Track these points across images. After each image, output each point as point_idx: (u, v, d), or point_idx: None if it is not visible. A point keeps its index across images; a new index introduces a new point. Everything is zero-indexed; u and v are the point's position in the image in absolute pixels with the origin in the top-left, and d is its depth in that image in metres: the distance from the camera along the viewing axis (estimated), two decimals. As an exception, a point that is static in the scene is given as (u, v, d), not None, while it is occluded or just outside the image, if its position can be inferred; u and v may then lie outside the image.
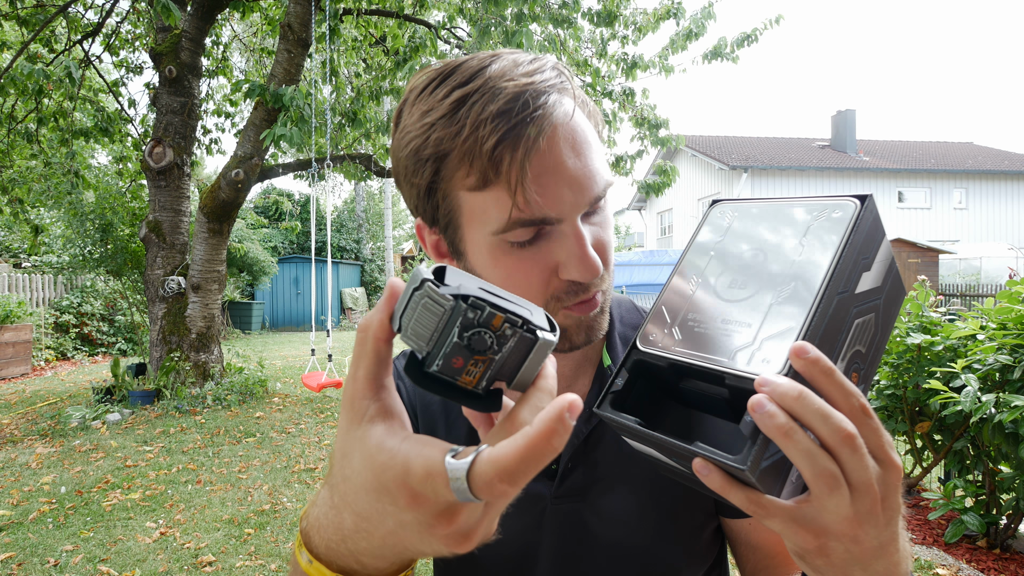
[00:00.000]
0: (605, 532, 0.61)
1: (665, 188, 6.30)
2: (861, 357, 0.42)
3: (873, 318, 0.42)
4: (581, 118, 0.52)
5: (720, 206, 0.49)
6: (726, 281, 0.44)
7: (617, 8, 5.71)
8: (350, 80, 7.88)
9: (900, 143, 23.40)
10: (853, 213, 0.40)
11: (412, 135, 0.51)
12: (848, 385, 0.35)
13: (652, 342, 0.44)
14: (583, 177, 0.50)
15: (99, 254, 6.73)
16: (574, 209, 0.50)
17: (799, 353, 0.34)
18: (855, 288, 0.40)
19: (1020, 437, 2.31)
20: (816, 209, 0.43)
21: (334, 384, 5.00)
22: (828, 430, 0.33)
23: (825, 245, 0.40)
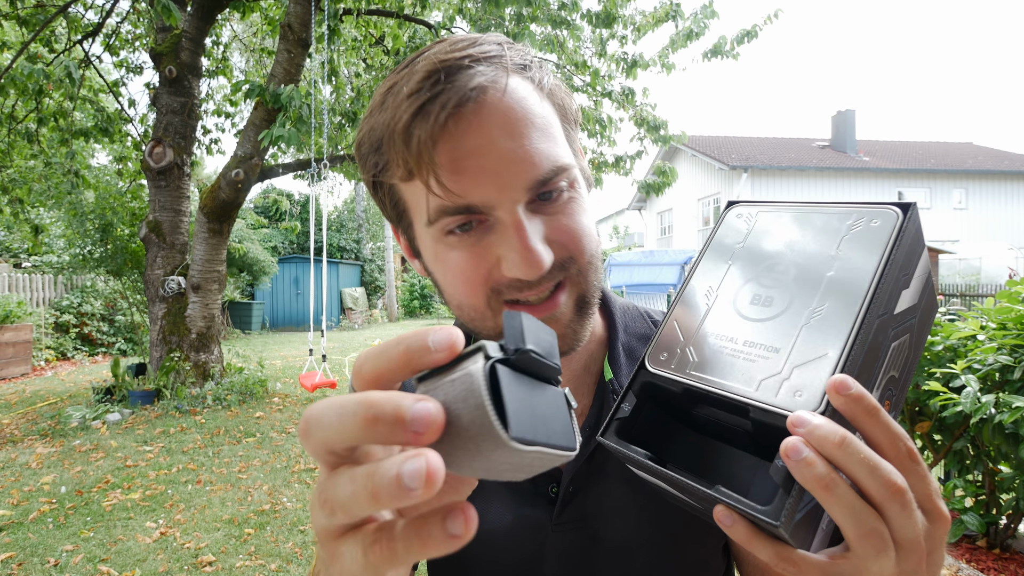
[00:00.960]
0: (609, 560, 0.58)
1: (665, 188, 6.30)
2: (895, 383, 0.37)
3: (908, 339, 0.37)
4: (524, 96, 0.45)
5: (737, 209, 0.44)
6: (747, 296, 0.39)
7: (616, 9, 5.71)
8: (350, 80, 7.87)
9: (900, 143, 23.41)
10: (895, 223, 0.36)
11: (361, 131, 0.49)
12: (894, 427, 0.31)
13: (663, 363, 0.40)
14: (516, 159, 0.43)
15: (99, 254, 6.73)
16: (506, 195, 0.44)
17: (840, 389, 0.30)
18: (895, 308, 0.35)
19: (1020, 437, 2.31)
20: (852, 217, 0.38)
21: (328, 384, 5.00)
22: (875, 484, 0.29)
23: (864, 259, 0.35)
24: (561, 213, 0.47)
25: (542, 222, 0.46)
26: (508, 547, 0.59)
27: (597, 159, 6.88)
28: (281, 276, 15.37)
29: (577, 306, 0.50)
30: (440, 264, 0.49)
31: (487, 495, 0.60)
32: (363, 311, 17.07)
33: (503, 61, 0.45)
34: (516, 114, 0.44)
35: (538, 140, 0.45)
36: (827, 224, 0.38)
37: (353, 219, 20.00)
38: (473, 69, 0.43)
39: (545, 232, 0.46)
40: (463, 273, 0.47)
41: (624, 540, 0.57)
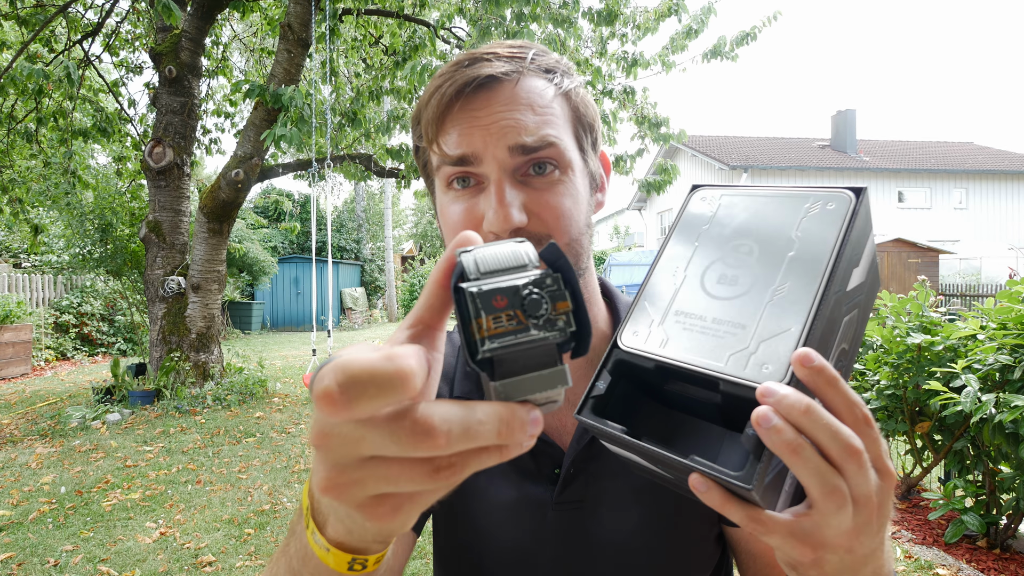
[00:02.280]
0: (607, 540, 0.61)
1: (666, 186, 6.29)
2: (845, 355, 0.40)
3: (857, 314, 0.41)
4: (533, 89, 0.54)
5: (702, 192, 0.46)
6: (714, 275, 0.41)
7: (618, 7, 5.71)
8: (350, 80, 7.87)
9: (900, 143, 23.40)
10: (849, 206, 0.38)
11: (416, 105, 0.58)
12: (852, 395, 0.34)
13: (635, 340, 0.41)
14: (505, 126, 0.52)
15: (99, 254, 6.73)
16: (490, 150, 0.52)
17: (803, 361, 0.33)
18: (847, 286, 0.38)
19: (1020, 437, 2.31)
20: (809, 200, 0.40)
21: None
22: (836, 447, 0.32)
23: (822, 239, 0.38)
24: (546, 190, 0.54)
25: (526, 193, 0.53)
26: (510, 523, 0.62)
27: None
28: (281, 276, 15.37)
29: None
30: (443, 216, 0.57)
31: (492, 473, 0.63)
32: (363, 311, 17.07)
33: (523, 62, 0.54)
34: (519, 98, 0.53)
35: (530, 116, 0.53)
36: (786, 207, 0.41)
37: (353, 219, 20.00)
38: (492, 63, 0.53)
39: (526, 201, 0.53)
40: (457, 225, 0.55)
41: (621, 522, 0.61)
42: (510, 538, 0.62)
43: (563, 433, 0.63)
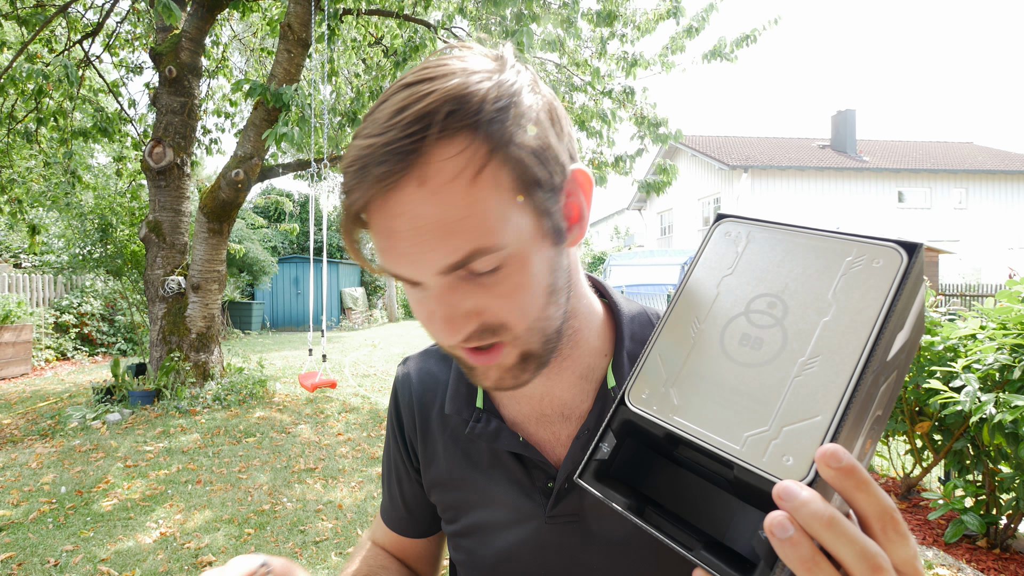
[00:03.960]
0: (599, 556, 0.60)
1: (665, 187, 6.30)
2: (879, 421, 0.36)
3: (896, 375, 0.36)
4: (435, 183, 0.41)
5: (727, 225, 0.41)
6: (736, 334, 0.37)
7: (616, 8, 5.71)
8: (350, 80, 7.88)
9: (900, 143, 23.40)
10: (899, 268, 0.32)
11: None
12: (883, 500, 0.31)
13: (645, 402, 0.38)
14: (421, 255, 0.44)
15: (99, 254, 6.73)
16: (423, 272, 0.45)
17: (830, 462, 0.29)
18: (888, 356, 0.33)
19: (1020, 437, 2.31)
20: (852, 252, 0.34)
21: (328, 384, 4.99)
22: (861, 567, 0.29)
23: (863, 307, 0.33)
24: (494, 287, 0.46)
25: (473, 291, 0.46)
26: (507, 535, 0.62)
27: (597, 159, 6.88)
28: (281, 276, 15.37)
29: (521, 359, 0.51)
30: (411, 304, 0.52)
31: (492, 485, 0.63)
32: (363, 311, 17.07)
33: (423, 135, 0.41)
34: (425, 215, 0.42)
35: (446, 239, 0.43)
36: (824, 259, 0.35)
37: (353, 219, 19.98)
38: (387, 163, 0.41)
39: (472, 304, 0.46)
40: (425, 323, 0.50)
41: (616, 537, 0.59)
42: (504, 550, 0.62)
43: (556, 446, 0.62)
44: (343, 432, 4.88)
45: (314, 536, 2.99)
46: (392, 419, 0.74)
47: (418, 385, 0.71)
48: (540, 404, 0.63)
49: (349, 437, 4.75)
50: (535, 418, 0.64)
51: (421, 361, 0.74)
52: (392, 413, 0.74)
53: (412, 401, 0.71)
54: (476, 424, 0.63)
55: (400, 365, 0.77)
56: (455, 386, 0.66)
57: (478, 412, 0.64)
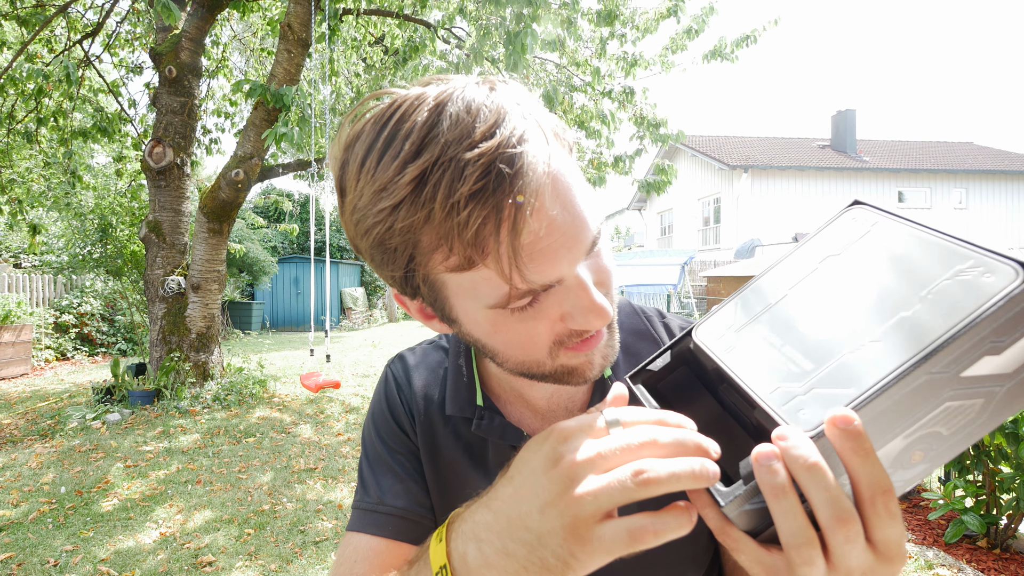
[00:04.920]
0: None
1: (665, 187, 6.30)
2: (938, 439, 0.35)
3: (979, 404, 0.34)
4: (561, 161, 0.45)
5: (858, 210, 0.42)
6: (816, 306, 0.38)
7: (617, 7, 5.71)
8: (350, 80, 7.88)
9: (900, 143, 23.40)
10: (1008, 285, 0.31)
11: (371, 222, 0.44)
12: (879, 471, 0.32)
13: (708, 338, 0.42)
14: (576, 230, 0.44)
15: (99, 254, 6.73)
16: (572, 265, 0.45)
17: (839, 422, 0.31)
18: (962, 371, 0.32)
19: (1020, 437, 2.31)
20: (967, 261, 0.34)
21: (332, 384, 4.99)
22: (826, 513, 0.32)
23: (950, 311, 0.32)
24: (598, 257, 0.49)
25: (589, 268, 0.47)
26: None
27: (597, 159, 6.88)
28: (281, 276, 15.37)
29: (610, 328, 0.53)
30: (500, 336, 0.49)
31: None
32: (363, 311, 17.07)
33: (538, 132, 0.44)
34: (562, 182, 0.44)
35: (583, 203, 0.45)
36: (938, 260, 0.35)
37: (353, 219, 19.98)
38: (523, 148, 0.41)
39: (593, 278, 0.48)
40: (529, 338, 0.48)
41: None
42: None
43: None
44: (343, 432, 4.88)
45: (314, 536, 2.99)
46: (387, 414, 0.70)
47: (418, 383, 0.70)
48: (549, 402, 0.64)
49: (349, 437, 4.75)
50: (541, 415, 0.64)
51: (415, 360, 0.73)
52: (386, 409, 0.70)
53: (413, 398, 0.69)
54: (480, 421, 0.63)
55: (392, 362, 0.74)
56: (454, 386, 0.66)
57: (480, 410, 0.64)
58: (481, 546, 0.40)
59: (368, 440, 0.71)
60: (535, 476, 0.39)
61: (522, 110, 0.44)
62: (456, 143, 0.40)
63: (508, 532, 0.39)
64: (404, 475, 0.66)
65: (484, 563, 0.40)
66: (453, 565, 0.42)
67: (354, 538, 0.63)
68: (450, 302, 0.49)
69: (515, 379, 0.64)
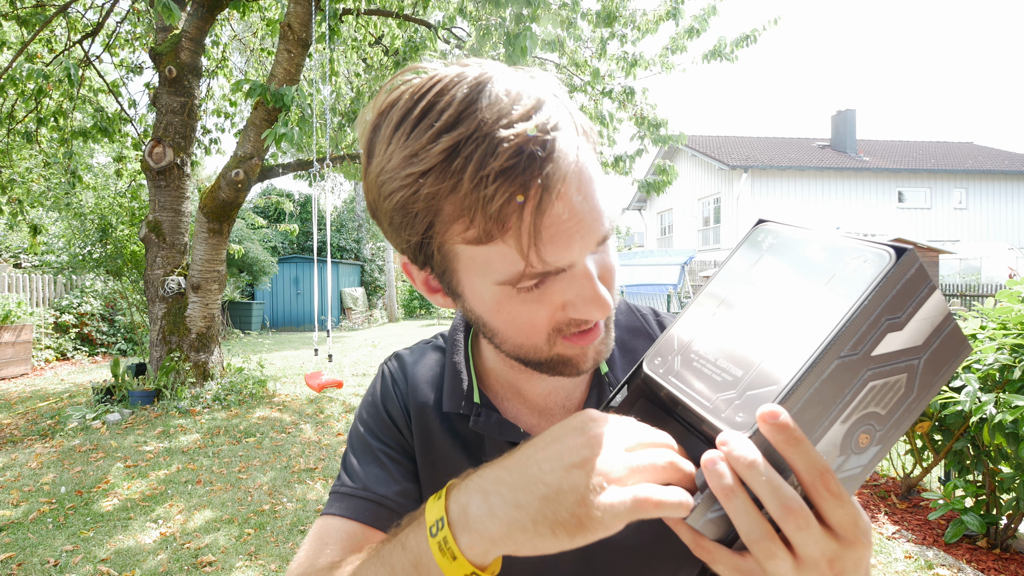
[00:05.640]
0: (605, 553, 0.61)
1: (665, 187, 6.31)
2: (877, 418, 0.38)
3: (904, 379, 0.38)
4: (585, 153, 0.47)
5: (763, 228, 0.46)
6: (741, 317, 0.42)
7: (617, 8, 5.71)
8: (350, 80, 7.88)
9: (900, 143, 23.40)
10: (883, 267, 0.36)
11: (396, 185, 0.45)
12: (815, 459, 0.34)
13: (656, 366, 0.46)
14: (592, 220, 0.46)
15: (99, 254, 6.74)
16: (583, 253, 0.47)
17: (766, 418, 0.34)
18: (871, 350, 0.36)
19: (1020, 437, 2.30)
20: (849, 255, 0.38)
21: (334, 384, 4.99)
22: (772, 503, 0.34)
23: (839, 300, 0.37)
24: (605, 252, 0.51)
25: (595, 262, 0.49)
26: None
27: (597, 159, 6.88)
28: (281, 276, 15.37)
29: (606, 324, 0.55)
30: (502, 314, 0.50)
31: None
32: (363, 311, 17.07)
33: (567, 114, 0.46)
34: (585, 174, 0.46)
35: (600, 197, 0.47)
36: (829, 259, 0.40)
37: (353, 219, 19.99)
38: (555, 134, 0.43)
39: (598, 272, 0.49)
40: (530, 321, 0.50)
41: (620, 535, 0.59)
42: None
43: None
44: (343, 432, 4.88)
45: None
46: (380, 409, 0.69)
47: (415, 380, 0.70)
48: (546, 399, 0.64)
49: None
50: (538, 412, 0.64)
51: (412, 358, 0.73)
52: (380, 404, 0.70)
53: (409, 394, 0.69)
54: (477, 419, 0.63)
55: (388, 360, 0.74)
56: (451, 384, 0.66)
57: (477, 407, 0.64)
58: (487, 498, 0.40)
59: (356, 434, 0.69)
60: (565, 438, 0.40)
61: (559, 101, 0.46)
62: (493, 121, 0.42)
63: (522, 485, 0.39)
64: (391, 467, 0.65)
65: (488, 514, 0.39)
66: (451, 517, 0.41)
67: (327, 521, 0.60)
68: (459, 275, 0.50)
69: (512, 374, 0.64)
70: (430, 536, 0.41)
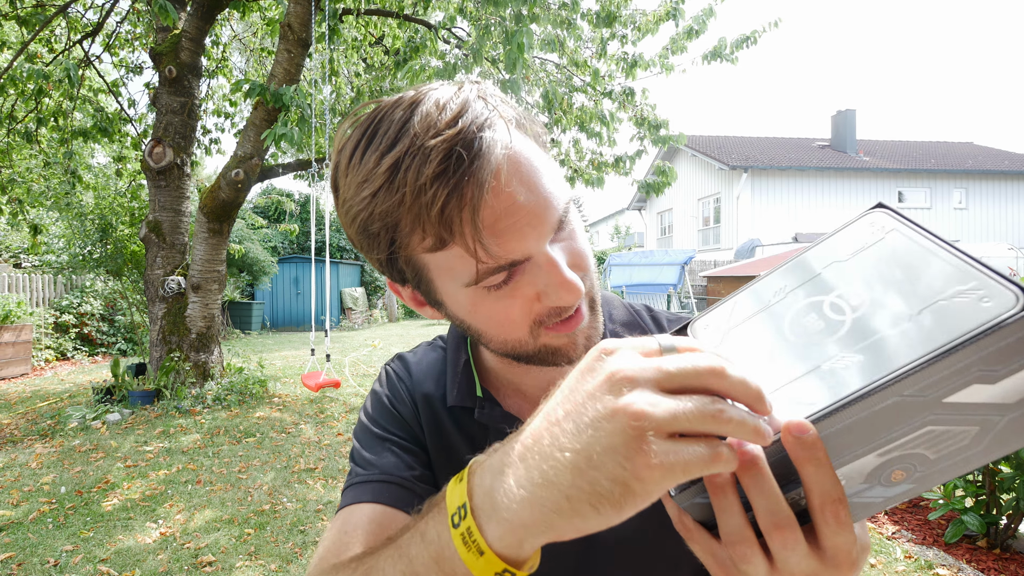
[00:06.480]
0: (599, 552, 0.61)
1: (664, 188, 6.30)
2: (922, 460, 0.33)
3: (973, 432, 0.32)
4: (521, 143, 0.49)
5: (876, 215, 0.40)
6: (804, 312, 0.37)
7: (617, 8, 5.71)
8: (350, 80, 7.88)
9: (900, 143, 23.40)
10: (1002, 312, 0.29)
11: (356, 210, 0.49)
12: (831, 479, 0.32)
13: (700, 334, 0.43)
14: (540, 209, 0.47)
15: (99, 254, 6.73)
16: (539, 242, 0.48)
17: (794, 430, 0.31)
18: (945, 396, 0.30)
19: (1020, 437, 2.30)
20: (968, 282, 0.31)
21: (332, 384, 4.99)
22: (767, 518, 0.33)
23: (934, 331, 0.30)
24: (570, 239, 0.52)
25: (561, 249, 0.50)
26: None
27: (597, 159, 6.88)
28: (281, 276, 15.37)
29: (590, 308, 0.55)
30: (480, 314, 0.52)
31: None
32: (363, 311, 17.07)
33: (499, 121, 0.48)
34: (524, 164, 0.48)
35: (547, 182, 0.49)
36: (939, 278, 0.33)
37: (353, 219, 19.97)
38: (483, 133, 0.46)
39: (567, 260, 0.50)
40: (507, 316, 0.51)
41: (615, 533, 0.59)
42: None
43: None
44: (344, 432, 4.88)
45: (314, 536, 2.99)
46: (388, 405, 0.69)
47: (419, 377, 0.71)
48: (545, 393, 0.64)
49: (350, 437, 4.75)
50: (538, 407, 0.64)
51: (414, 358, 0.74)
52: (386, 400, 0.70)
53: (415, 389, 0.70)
54: (482, 411, 0.64)
55: (391, 361, 0.75)
56: (454, 380, 0.67)
57: (480, 400, 0.65)
58: (514, 478, 0.34)
59: (363, 431, 0.68)
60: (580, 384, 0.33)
61: (485, 103, 0.48)
62: (424, 133, 0.45)
63: (548, 456, 0.32)
64: (404, 456, 0.64)
65: (515, 498, 0.33)
66: (475, 503, 0.36)
67: (346, 512, 0.58)
68: (434, 284, 0.52)
69: (509, 370, 0.65)
70: (452, 526, 0.37)
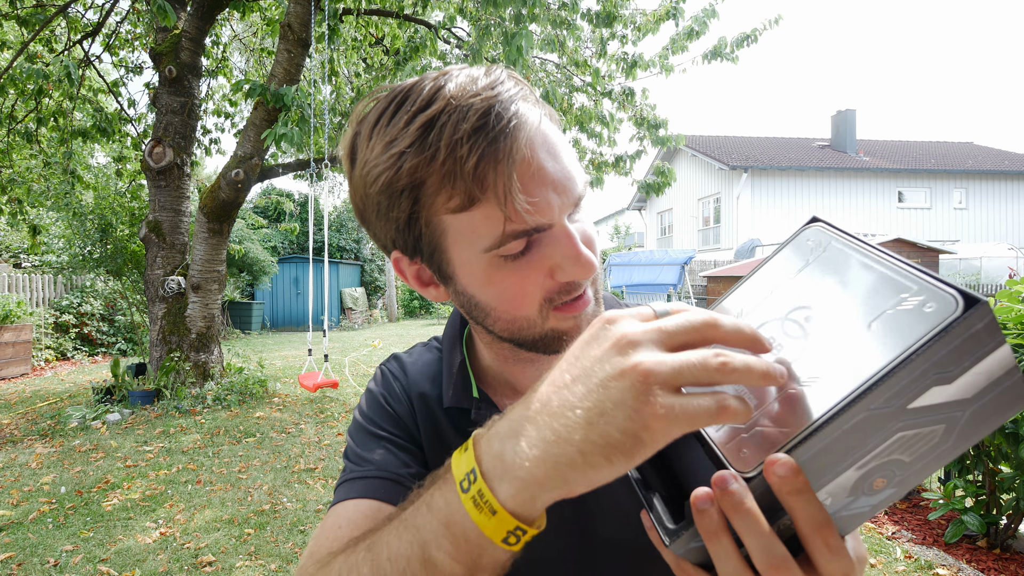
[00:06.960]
0: (605, 528, 0.61)
1: (664, 188, 6.30)
2: (900, 465, 0.34)
3: (940, 430, 0.33)
4: (549, 124, 0.51)
5: (813, 231, 0.40)
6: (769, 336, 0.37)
7: (616, 8, 5.71)
8: (350, 80, 7.88)
9: (900, 143, 23.40)
10: (946, 317, 0.30)
11: (380, 168, 0.49)
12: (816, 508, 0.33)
13: None
14: (565, 179, 0.49)
15: (99, 254, 6.73)
16: (561, 211, 0.49)
17: (776, 468, 0.32)
18: (909, 403, 0.31)
19: (1020, 437, 2.31)
20: (910, 290, 0.32)
21: (330, 384, 4.99)
22: (760, 557, 0.33)
23: (886, 344, 0.31)
24: (581, 221, 0.53)
25: (577, 230, 0.51)
26: None
27: (597, 159, 6.88)
28: (281, 276, 15.38)
29: (595, 294, 0.56)
30: (493, 286, 0.52)
31: None
32: (363, 311, 17.07)
33: (528, 93, 0.51)
34: (552, 140, 0.50)
35: (571, 161, 0.51)
36: (882, 289, 0.34)
37: (353, 219, 19.99)
38: (517, 103, 0.48)
39: (580, 238, 0.51)
40: (521, 290, 0.51)
41: (618, 508, 0.60)
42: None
43: None
44: (343, 432, 4.88)
45: None
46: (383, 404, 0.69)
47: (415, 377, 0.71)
48: None
49: (349, 437, 4.75)
50: None
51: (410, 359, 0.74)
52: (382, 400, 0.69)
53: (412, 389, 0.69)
54: (479, 412, 0.64)
55: (387, 361, 0.74)
56: (450, 381, 0.67)
57: (476, 401, 0.65)
58: (524, 439, 0.35)
59: (357, 430, 0.67)
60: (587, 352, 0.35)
61: (517, 82, 0.51)
62: (460, 95, 0.47)
63: (559, 415, 0.33)
64: (400, 454, 0.63)
65: (527, 457, 0.34)
66: (484, 468, 0.36)
67: (338, 507, 0.58)
68: (448, 254, 0.52)
69: (506, 368, 0.64)
70: (461, 491, 0.37)
